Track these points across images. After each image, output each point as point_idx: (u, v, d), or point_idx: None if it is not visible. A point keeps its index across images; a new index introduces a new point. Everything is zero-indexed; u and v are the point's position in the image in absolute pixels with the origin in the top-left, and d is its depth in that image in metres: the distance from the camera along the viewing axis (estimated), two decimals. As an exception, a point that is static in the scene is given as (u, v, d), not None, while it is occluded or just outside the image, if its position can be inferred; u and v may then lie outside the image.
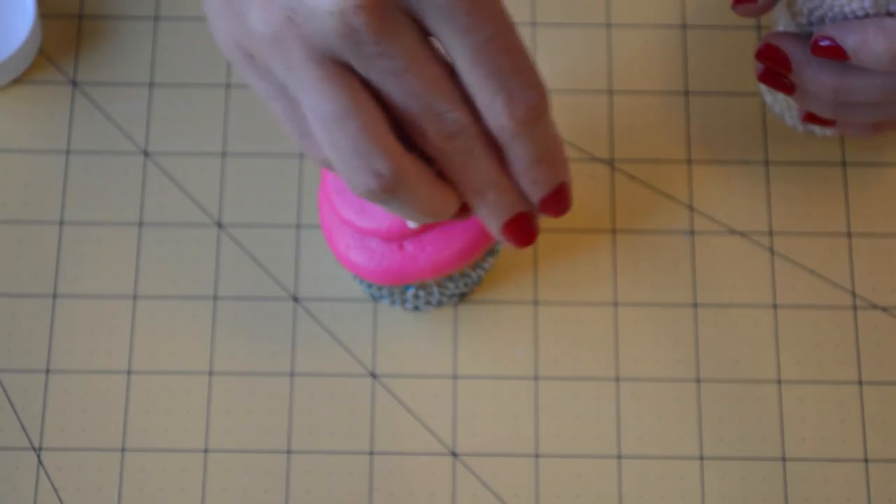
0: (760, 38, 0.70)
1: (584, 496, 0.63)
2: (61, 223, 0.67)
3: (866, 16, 0.57)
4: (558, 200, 0.50)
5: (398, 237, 0.58)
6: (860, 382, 0.65)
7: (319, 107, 0.46)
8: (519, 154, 0.48)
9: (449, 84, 0.46)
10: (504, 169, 0.48)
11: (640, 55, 0.70)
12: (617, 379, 0.65)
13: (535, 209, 0.50)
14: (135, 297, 0.66)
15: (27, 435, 0.64)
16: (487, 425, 0.64)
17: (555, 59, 0.70)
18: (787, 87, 0.61)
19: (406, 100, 0.46)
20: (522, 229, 0.50)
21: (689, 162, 0.68)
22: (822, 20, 0.59)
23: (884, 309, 0.66)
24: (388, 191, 0.47)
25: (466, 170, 0.48)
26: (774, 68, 0.60)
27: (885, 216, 0.67)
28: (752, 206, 0.67)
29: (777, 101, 0.68)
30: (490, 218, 0.49)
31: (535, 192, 0.49)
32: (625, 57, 0.70)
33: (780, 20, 0.64)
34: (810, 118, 0.62)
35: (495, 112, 0.46)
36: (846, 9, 0.57)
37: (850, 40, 0.56)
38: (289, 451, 0.64)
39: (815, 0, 0.58)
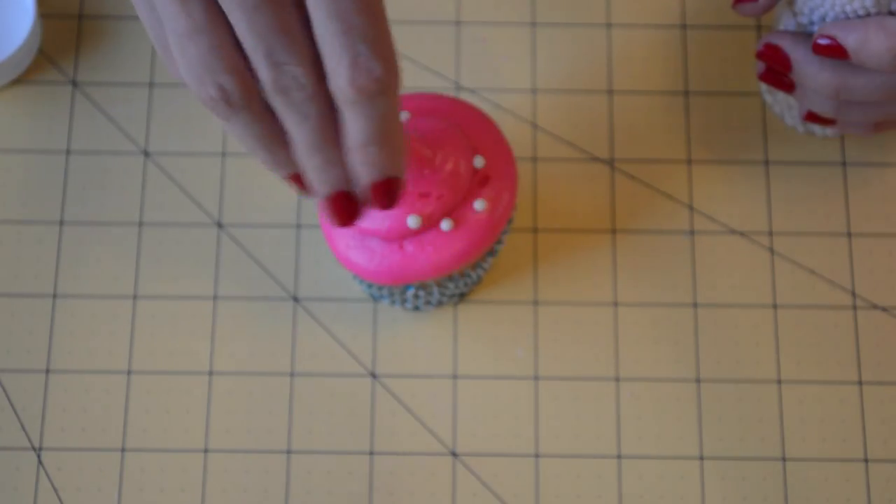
0: (761, 37, 0.70)
1: (584, 496, 0.63)
2: (61, 223, 0.67)
3: (868, 15, 0.57)
4: (384, 193, 0.49)
5: (398, 237, 0.58)
6: (860, 382, 0.65)
7: (174, 22, 0.46)
8: (353, 127, 0.47)
9: (299, 36, 0.46)
10: (337, 141, 0.48)
11: (640, 55, 0.70)
12: (617, 379, 0.65)
13: (361, 192, 0.49)
14: (135, 297, 0.66)
15: (27, 435, 0.64)
16: (487, 425, 0.64)
17: (555, 59, 0.70)
18: (788, 86, 0.61)
19: (248, 37, 0.46)
20: (342, 209, 0.50)
21: (689, 162, 0.68)
22: (823, 19, 0.59)
23: (884, 309, 0.66)
24: (230, 106, 0.46)
25: (296, 127, 0.47)
26: (775, 67, 0.60)
27: (885, 216, 0.67)
28: (752, 206, 0.67)
29: (777, 101, 0.68)
30: (314, 183, 0.49)
31: (363, 175, 0.49)
32: (625, 57, 0.70)
33: (780, 19, 0.64)
34: (811, 117, 0.62)
35: (337, 74, 0.46)
36: (847, 8, 0.57)
37: (851, 39, 0.56)
38: (289, 451, 0.64)
39: (816, -1, 0.58)
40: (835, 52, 0.57)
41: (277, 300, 0.66)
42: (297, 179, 0.50)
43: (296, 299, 0.66)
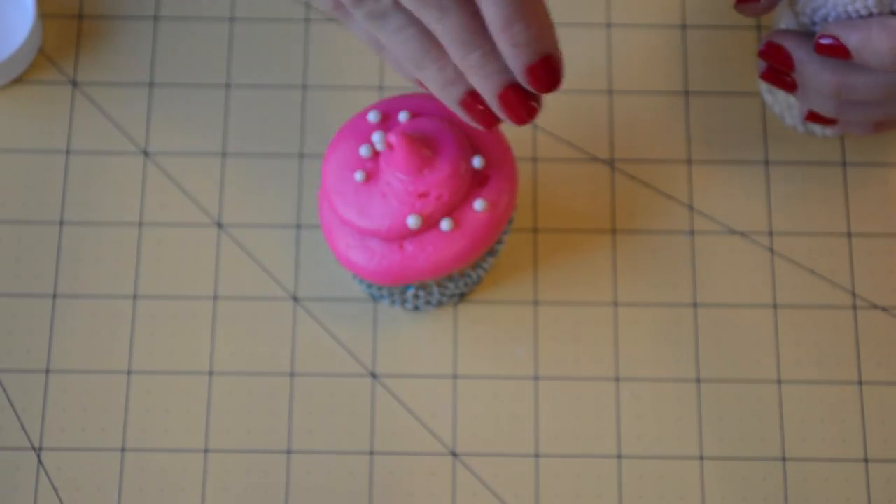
0: (761, 37, 0.70)
1: (584, 496, 0.63)
2: (61, 223, 0.67)
3: (870, 15, 0.57)
4: (543, 74, 0.48)
5: (398, 237, 0.58)
6: (860, 382, 0.65)
7: None
8: (490, 9, 0.46)
9: None
10: (487, 34, 0.47)
11: (640, 55, 0.70)
12: (617, 379, 0.65)
13: (522, 81, 0.48)
14: (135, 297, 0.66)
15: (27, 435, 0.64)
16: (487, 425, 0.64)
17: (555, 59, 0.70)
18: (790, 86, 0.61)
19: None
20: (515, 103, 0.48)
21: (689, 162, 0.68)
22: (824, 19, 0.59)
23: (884, 309, 0.66)
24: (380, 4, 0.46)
25: (440, 25, 0.46)
26: (777, 67, 0.60)
27: (885, 216, 0.67)
28: (752, 206, 0.67)
29: (777, 101, 0.68)
30: (482, 88, 0.48)
31: (516, 60, 0.47)
32: (625, 57, 0.70)
33: (782, 19, 0.64)
34: (812, 117, 0.62)
35: None
36: (849, 8, 0.57)
37: (853, 39, 0.56)
38: (289, 451, 0.64)
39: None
40: (837, 52, 0.57)
41: (277, 300, 0.66)
42: (471, 102, 0.49)
43: (296, 299, 0.66)
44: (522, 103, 0.49)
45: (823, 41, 0.57)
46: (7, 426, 0.64)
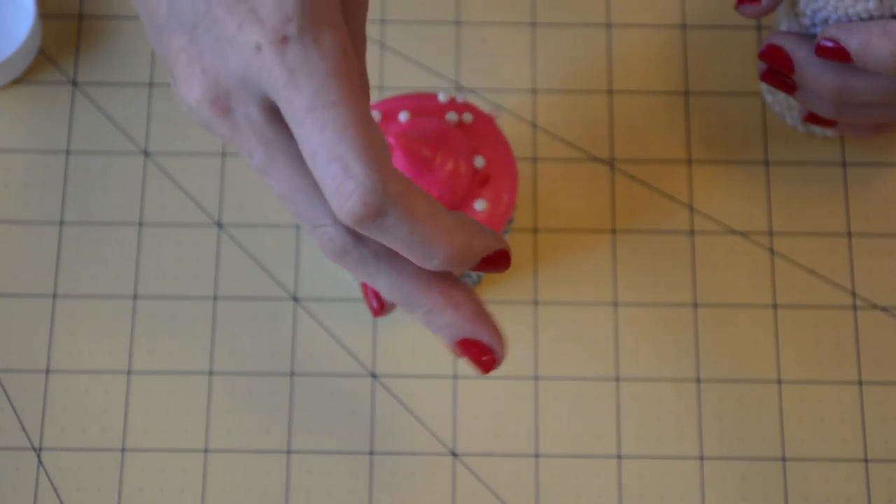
0: (761, 38, 0.70)
1: (584, 496, 0.63)
2: (61, 223, 0.67)
3: (870, 17, 0.57)
4: (475, 353, 0.46)
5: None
6: (860, 382, 0.65)
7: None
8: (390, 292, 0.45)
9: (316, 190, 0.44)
10: (428, 286, 0.45)
11: (640, 55, 0.70)
12: (617, 379, 0.65)
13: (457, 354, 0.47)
14: (135, 297, 0.66)
15: (27, 435, 0.64)
16: (487, 425, 0.64)
17: (555, 59, 0.70)
18: (790, 87, 0.61)
19: (289, 208, 0.45)
20: (473, 355, 0.46)
21: (689, 162, 0.68)
22: (825, 21, 0.59)
23: (884, 309, 0.66)
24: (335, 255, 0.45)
25: (380, 288, 0.45)
26: (777, 68, 0.60)
27: (885, 216, 0.67)
28: (752, 206, 0.67)
29: (777, 101, 0.68)
30: (441, 338, 0.46)
31: (444, 338, 0.46)
32: (625, 57, 0.70)
33: (782, 21, 0.63)
34: (812, 118, 0.62)
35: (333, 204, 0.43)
36: (850, 11, 0.57)
37: (854, 42, 0.56)
38: (289, 451, 0.64)
39: (819, 1, 0.58)
40: (838, 55, 0.57)
41: (277, 300, 0.66)
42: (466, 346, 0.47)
43: (296, 299, 0.66)
44: (478, 353, 0.47)
45: (824, 44, 0.57)
46: (7, 426, 0.64)
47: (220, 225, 0.67)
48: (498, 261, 0.46)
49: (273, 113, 0.43)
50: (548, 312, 0.66)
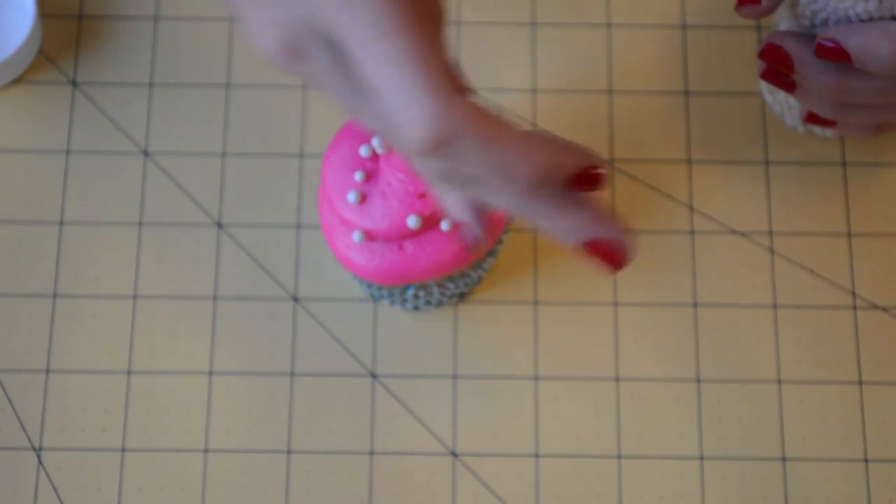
0: (761, 38, 0.70)
1: (584, 496, 0.63)
2: (61, 223, 0.67)
3: (870, 18, 0.57)
4: (602, 251, 0.47)
5: (398, 237, 0.58)
6: (860, 382, 0.65)
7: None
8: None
9: None
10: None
11: (640, 55, 0.70)
12: (617, 379, 0.65)
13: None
14: (135, 297, 0.66)
15: (27, 435, 0.64)
16: (487, 425, 0.64)
17: (555, 59, 0.70)
18: (790, 86, 0.61)
19: None
20: (602, 251, 0.47)
21: (689, 162, 0.68)
22: (825, 22, 0.59)
23: (884, 309, 0.66)
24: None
25: (489, 199, 0.46)
26: (777, 68, 0.60)
27: (885, 216, 0.67)
28: (752, 206, 0.67)
29: (777, 102, 0.68)
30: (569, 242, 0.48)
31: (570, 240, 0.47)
32: (625, 57, 0.70)
33: (782, 21, 0.63)
34: (811, 118, 0.62)
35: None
36: (850, 12, 0.57)
37: (853, 43, 0.56)
38: (289, 451, 0.64)
39: (820, 2, 0.58)
40: (837, 56, 0.57)
41: (277, 300, 0.66)
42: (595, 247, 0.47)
43: (296, 299, 0.66)
44: (607, 252, 0.47)
45: (824, 44, 0.57)
46: (7, 426, 0.64)
47: (220, 225, 0.67)
48: (590, 178, 0.46)
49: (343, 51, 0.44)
50: (548, 312, 0.66)
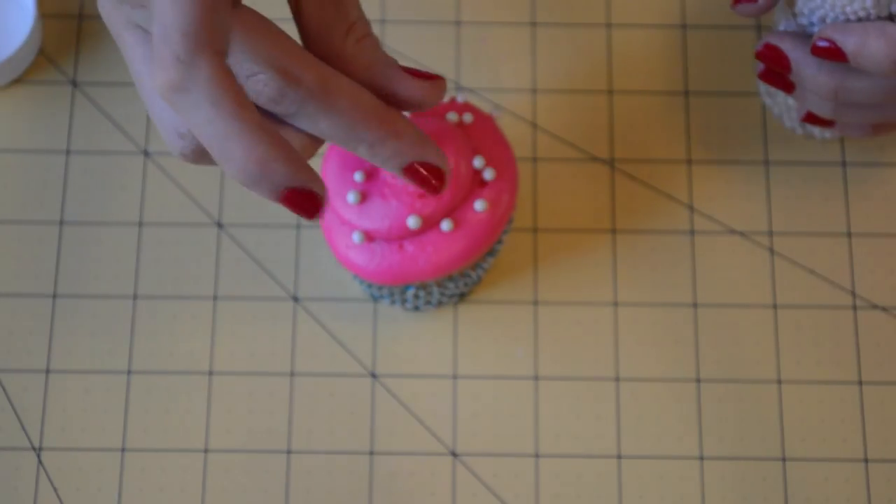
0: (760, 38, 0.70)
1: (584, 496, 0.63)
2: (61, 223, 0.67)
3: (868, 17, 0.57)
4: (421, 177, 0.48)
5: (398, 237, 0.58)
6: (860, 382, 0.65)
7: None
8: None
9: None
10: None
11: (640, 55, 0.70)
12: (617, 379, 0.65)
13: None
14: (135, 297, 0.66)
15: (27, 435, 0.64)
16: (487, 425, 0.64)
17: (555, 59, 0.70)
18: (788, 86, 0.61)
19: None
20: (420, 176, 0.48)
21: (689, 162, 0.68)
22: (823, 20, 0.59)
23: (884, 309, 0.66)
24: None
25: (317, 125, 0.47)
26: (775, 68, 0.60)
27: (885, 216, 0.67)
28: (752, 206, 0.67)
29: (776, 103, 0.68)
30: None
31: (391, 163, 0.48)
32: (625, 57, 0.70)
33: (780, 20, 0.63)
34: (810, 118, 0.62)
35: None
36: (847, 9, 0.57)
37: (850, 43, 0.56)
38: (289, 451, 0.64)
39: (816, 0, 0.58)
40: (833, 55, 0.57)
41: (277, 300, 0.66)
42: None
43: (296, 299, 0.66)
44: (426, 177, 0.48)
45: (820, 44, 0.57)
46: (7, 426, 0.64)
47: (220, 225, 0.67)
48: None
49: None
50: (548, 312, 0.66)
